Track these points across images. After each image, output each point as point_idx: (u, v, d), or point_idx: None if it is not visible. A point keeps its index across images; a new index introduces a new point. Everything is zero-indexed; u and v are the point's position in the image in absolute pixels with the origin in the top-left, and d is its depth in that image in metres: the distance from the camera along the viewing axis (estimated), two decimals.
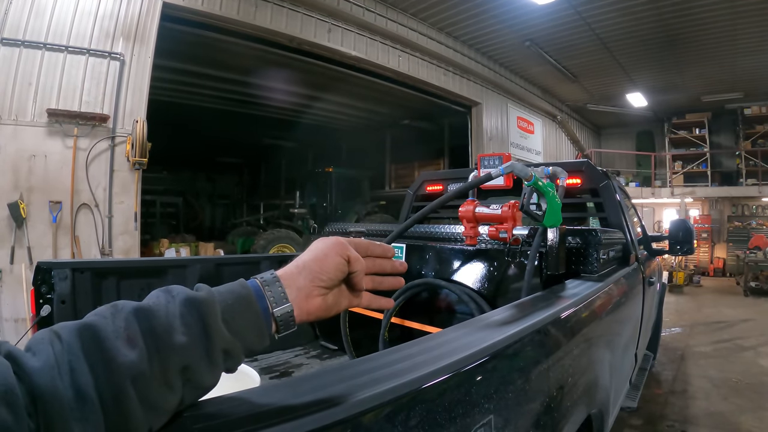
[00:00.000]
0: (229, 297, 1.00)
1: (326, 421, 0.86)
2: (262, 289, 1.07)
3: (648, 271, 4.71)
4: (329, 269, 1.15)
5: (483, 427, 1.20)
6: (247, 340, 1.00)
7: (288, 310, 1.08)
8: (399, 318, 3.44)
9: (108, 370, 0.78)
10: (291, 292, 1.09)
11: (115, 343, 0.82)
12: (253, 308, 1.03)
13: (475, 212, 3.02)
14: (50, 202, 7.32)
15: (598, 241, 2.88)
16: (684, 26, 13.33)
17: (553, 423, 1.68)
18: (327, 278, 1.15)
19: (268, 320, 1.05)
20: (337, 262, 1.16)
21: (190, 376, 0.89)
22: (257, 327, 1.03)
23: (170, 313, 0.90)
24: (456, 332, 1.53)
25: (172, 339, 0.87)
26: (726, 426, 5.44)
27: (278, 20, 10.10)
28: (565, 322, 1.95)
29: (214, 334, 0.92)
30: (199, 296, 0.95)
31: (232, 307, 0.99)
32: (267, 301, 1.06)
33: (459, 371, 1.18)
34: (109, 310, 0.88)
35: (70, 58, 7.53)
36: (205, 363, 0.91)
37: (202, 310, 0.93)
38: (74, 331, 0.81)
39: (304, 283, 1.12)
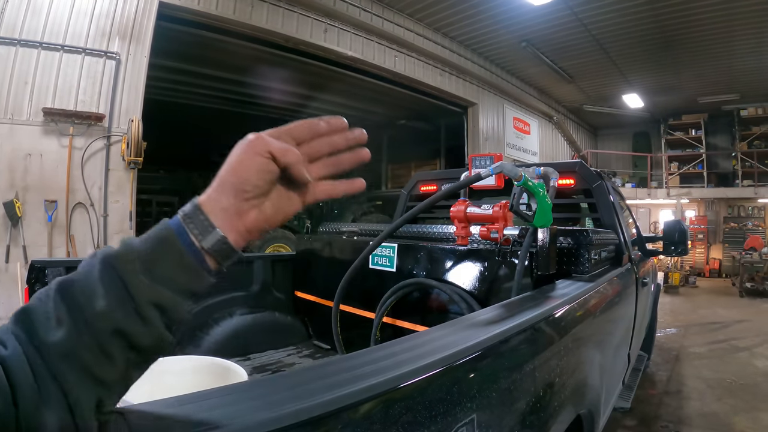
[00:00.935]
0: (149, 243, 0.90)
1: (302, 417, 0.87)
2: (183, 223, 0.93)
3: (642, 271, 4.72)
4: (249, 175, 0.95)
5: (465, 426, 1.20)
6: (179, 284, 0.90)
7: (218, 238, 0.93)
8: (391, 318, 3.45)
9: (45, 353, 0.77)
10: (216, 217, 0.94)
11: (45, 324, 0.79)
12: (176, 248, 0.90)
13: (466, 212, 3.03)
14: (46, 201, 7.32)
15: (589, 241, 2.89)
16: (680, 27, 13.35)
17: (539, 423, 1.68)
18: (252, 187, 0.96)
19: (197, 256, 0.92)
20: (256, 164, 0.96)
21: (127, 340, 0.83)
22: (186, 267, 0.91)
23: (92, 279, 0.84)
24: (440, 331, 1.54)
25: (93, 307, 0.81)
26: (720, 426, 5.45)
27: (274, 20, 10.12)
28: (552, 322, 1.96)
29: (133, 288, 0.84)
30: (113, 252, 0.87)
31: (152, 253, 0.88)
32: (190, 236, 0.92)
33: (440, 370, 1.18)
34: (45, 291, 0.85)
35: (66, 57, 7.53)
36: (136, 322, 0.83)
37: (119, 267, 0.85)
38: (14, 317, 0.82)
39: (228, 202, 0.95)
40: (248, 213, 0.97)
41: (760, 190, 20.02)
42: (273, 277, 4.60)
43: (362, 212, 16.54)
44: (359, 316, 3.85)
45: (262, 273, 4.50)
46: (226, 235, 0.94)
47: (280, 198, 1.03)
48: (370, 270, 3.77)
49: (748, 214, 21.55)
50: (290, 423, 0.86)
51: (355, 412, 0.95)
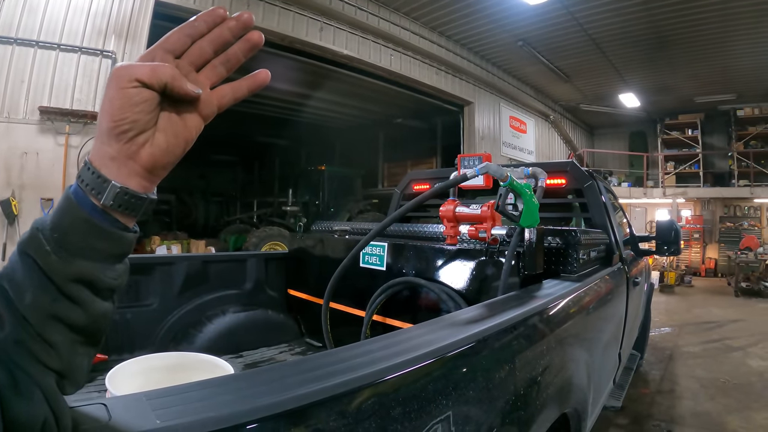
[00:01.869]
0: (54, 217, 0.84)
1: (275, 410, 0.89)
2: (80, 187, 0.84)
3: (634, 271, 4.74)
4: (122, 113, 0.83)
5: (440, 423, 1.22)
6: (97, 251, 0.84)
7: (116, 191, 0.84)
8: (381, 316, 3.47)
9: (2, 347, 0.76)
10: (107, 169, 0.84)
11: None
12: (79, 215, 0.83)
13: (455, 212, 3.05)
14: (42, 199, 7.33)
15: (577, 241, 2.91)
16: (676, 27, 13.36)
17: (520, 421, 1.70)
18: (129, 122, 0.83)
19: (104, 217, 0.84)
20: (125, 96, 0.82)
21: (63, 323, 0.80)
22: (95, 232, 0.84)
23: (16, 271, 0.81)
24: (419, 329, 1.56)
25: (23, 300, 0.78)
26: (712, 426, 5.45)
27: (270, 18, 10.12)
28: (534, 321, 1.98)
29: (51, 270, 0.80)
30: (25, 238, 0.83)
31: (60, 228, 0.83)
32: (90, 197, 0.84)
33: (415, 367, 1.20)
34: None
35: (62, 55, 7.54)
36: (65, 303, 0.80)
37: (32, 252, 0.81)
38: None
39: (112, 149, 0.84)
40: (139, 152, 0.86)
41: (756, 190, 20.03)
42: (266, 275, 4.62)
43: (358, 210, 16.54)
44: (350, 314, 3.87)
45: (256, 271, 4.51)
46: (126, 184, 0.85)
47: (171, 123, 0.91)
48: (360, 268, 3.79)
49: (743, 214, 21.56)
50: (263, 416, 0.88)
51: (327, 407, 0.97)
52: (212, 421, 0.84)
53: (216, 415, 0.86)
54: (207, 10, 0.93)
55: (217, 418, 0.85)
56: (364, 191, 18.54)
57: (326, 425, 0.95)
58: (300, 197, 17.10)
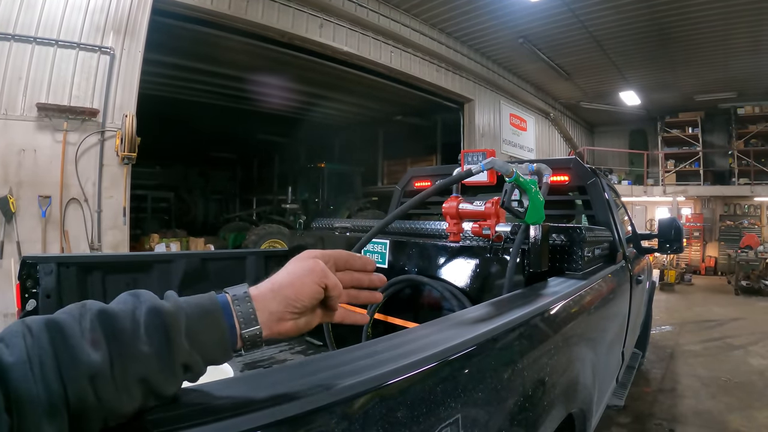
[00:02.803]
0: (195, 311, 0.98)
1: (277, 416, 0.86)
2: (231, 306, 1.03)
3: (636, 269, 4.71)
4: (304, 297, 1.11)
5: (449, 426, 1.19)
6: (210, 354, 0.99)
7: (256, 333, 1.04)
8: (382, 314, 3.43)
9: (74, 368, 0.78)
10: (262, 314, 1.05)
11: (80, 341, 0.81)
12: (218, 326, 1.00)
13: (458, 209, 3.01)
14: (39, 196, 7.30)
15: (582, 238, 2.87)
16: (677, 25, 13.35)
17: (528, 422, 1.67)
18: (301, 306, 1.11)
19: (233, 338, 1.02)
20: (313, 291, 1.12)
21: (150, 386, 0.87)
22: (221, 344, 1.00)
23: (135, 321, 0.89)
24: (425, 329, 1.52)
25: (134, 347, 0.86)
26: (714, 425, 5.44)
27: (270, 15, 10.08)
28: (542, 320, 1.94)
29: (176, 348, 0.91)
30: (165, 308, 0.93)
31: (197, 322, 0.97)
32: (234, 319, 1.02)
33: (423, 369, 1.17)
34: (78, 309, 0.88)
35: (60, 52, 7.50)
36: (164, 374, 0.89)
37: (167, 323, 0.91)
38: (43, 325, 0.81)
39: (276, 308, 1.08)
40: (287, 322, 1.11)
41: (756, 188, 20.04)
42: (266, 272, 4.56)
43: (358, 208, 16.57)
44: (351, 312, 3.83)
45: (255, 269, 4.47)
46: (263, 331, 1.06)
47: (312, 316, 1.19)
48: None
49: (744, 213, 21.57)
50: (265, 422, 0.84)
51: (332, 412, 0.93)
52: (212, 429, 0.81)
53: (215, 423, 0.83)
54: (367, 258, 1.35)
55: (217, 426, 0.82)
56: (364, 189, 18.54)
57: (333, 430, 0.92)
58: (299, 195, 17.11)
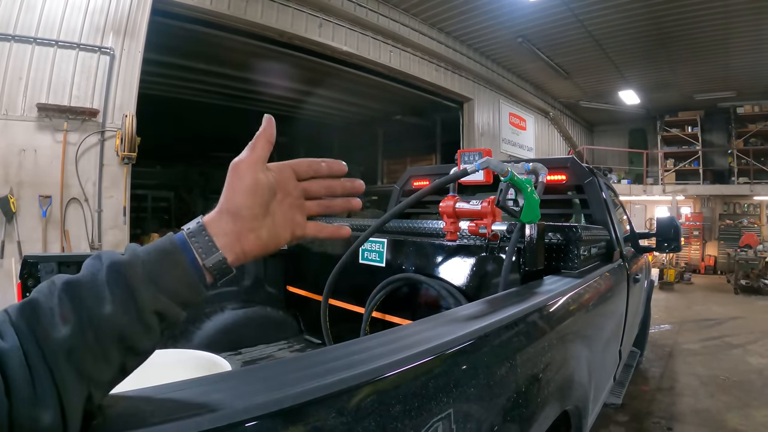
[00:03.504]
0: (154, 255, 0.95)
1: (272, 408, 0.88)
2: (188, 240, 0.99)
3: (634, 268, 4.72)
4: (243, 200, 1.04)
5: (441, 421, 1.21)
6: (180, 296, 0.96)
7: (219, 259, 1.00)
8: (380, 312, 3.45)
9: (49, 347, 0.79)
10: (219, 239, 1.01)
11: (51, 319, 0.82)
12: (180, 264, 0.97)
13: (455, 208, 3.03)
14: (40, 196, 7.31)
15: (578, 237, 2.88)
16: (676, 24, 13.35)
17: (522, 418, 1.68)
18: (248, 211, 1.04)
19: (199, 272, 0.99)
20: (246, 187, 1.04)
21: (127, 343, 0.88)
22: (188, 282, 0.97)
23: (98, 283, 0.88)
24: (419, 326, 1.54)
25: (101, 310, 0.85)
26: (712, 423, 5.46)
27: (269, 15, 10.09)
28: (535, 317, 1.96)
29: (141, 298, 0.89)
30: (122, 260, 0.92)
31: (158, 265, 0.94)
32: (195, 253, 0.99)
33: (415, 364, 1.19)
34: (48, 286, 0.87)
35: (60, 52, 7.51)
36: (138, 328, 0.89)
37: (127, 275, 0.89)
38: (18, 309, 0.82)
39: (230, 227, 1.02)
40: (247, 237, 1.04)
41: (755, 187, 20.05)
42: (265, 271, 4.60)
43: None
44: (349, 310, 3.85)
45: (254, 268, 4.49)
46: (226, 256, 1.01)
47: (274, 226, 1.10)
48: (360, 265, 3.77)
49: (743, 212, 21.57)
50: (260, 413, 0.86)
51: (326, 405, 0.95)
52: (209, 420, 0.83)
53: (213, 413, 0.85)
54: (335, 161, 1.23)
55: (214, 416, 0.84)
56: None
57: (325, 423, 0.93)
58: None
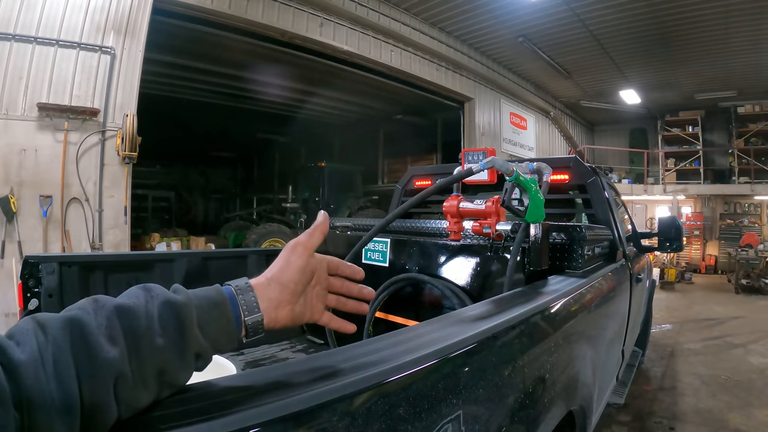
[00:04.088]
0: (204, 302, 1.03)
1: (281, 413, 0.86)
2: (236, 296, 1.10)
3: (636, 267, 4.72)
4: (293, 275, 1.19)
5: (451, 422, 1.20)
6: (218, 343, 1.04)
7: (258, 319, 1.11)
8: (383, 312, 3.44)
9: (91, 366, 0.80)
10: (263, 302, 1.13)
11: (98, 339, 0.83)
12: (226, 315, 1.06)
13: (459, 207, 3.02)
14: (41, 196, 7.30)
15: (582, 237, 2.88)
16: (678, 24, 13.35)
17: (528, 419, 1.68)
18: (293, 286, 1.19)
19: (239, 326, 1.08)
20: (298, 266, 1.21)
21: (165, 376, 0.91)
22: (228, 332, 1.06)
23: (149, 314, 0.93)
24: (427, 327, 1.52)
25: (151, 340, 0.90)
26: (714, 423, 5.45)
27: (270, 14, 10.09)
28: (542, 317, 1.95)
29: (190, 338, 0.96)
30: (178, 300, 0.98)
31: (207, 313, 1.02)
32: (240, 309, 1.09)
33: (425, 366, 1.17)
34: (92, 305, 0.89)
35: (60, 51, 7.50)
36: (179, 364, 0.94)
37: (181, 314, 0.96)
38: (60, 323, 0.82)
39: (274, 295, 1.15)
40: (284, 307, 1.18)
41: (756, 187, 20.04)
42: None
43: (358, 207, 16.59)
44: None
45: (257, 268, 4.44)
46: (264, 318, 1.13)
47: (304, 304, 1.24)
48: (363, 265, 3.74)
49: (744, 211, 21.57)
50: (269, 418, 0.85)
51: (336, 408, 0.94)
52: (217, 425, 0.82)
53: (220, 418, 0.83)
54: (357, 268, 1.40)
55: (222, 422, 0.82)
56: (364, 188, 18.55)
57: (335, 427, 0.92)
58: (300, 194, 17.14)
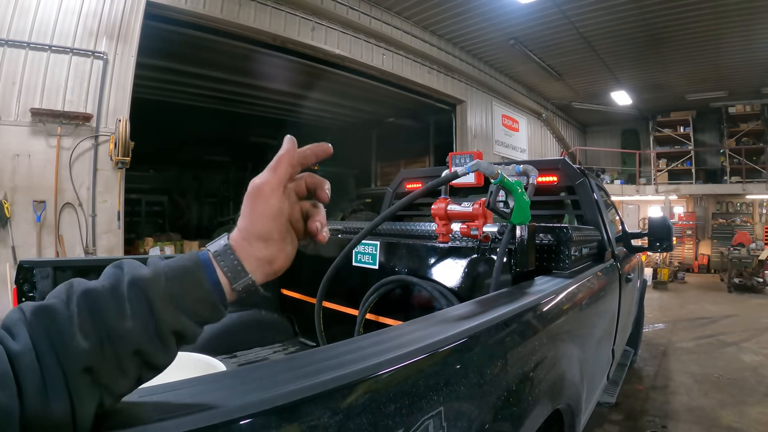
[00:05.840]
0: (176, 273, 0.94)
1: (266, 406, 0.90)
2: (213, 261, 0.98)
3: (627, 267, 4.74)
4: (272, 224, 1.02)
5: (432, 419, 1.23)
6: (200, 315, 0.95)
7: (249, 282, 0.99)
8: (374, 314, 3.47)
9: (65, 355, 0.79)
10: (249, 262, 0.99)
11: (70, 328, 0.82)
12: (203, 285, 0.95)
13: (446, 210, 3.05)
14: (34, 201, 7.30)
15: (569, 238, 2.91)
16: (667, 25, 13.40)
17: (512, 417, 1.71)
18: (278, 235, 1.03)
19: (220, 294, 0.97)
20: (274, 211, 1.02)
21: (144, 358, 0.88)
22: (209, 302, 0.96)
23: (119, 296, 0.88)
24: (410, 326, 1.56)
25: (120, 324, 0.85)
26: (706, 421, 5.48)
27: (262, 19, 10.10)
28: (525, 317, 1.98)
29: (162, 316, 0.89)
30: (144, 276, 0.90)
31: (179, 284, 0.93)
32: (219, 275, 0.97)
33: (405, 363, 1.21)
34: (65, 291, 0.87)
35: (53, 57, 7.50)
36: (156, 345, 0.89)
37: (149, 291, 0.89)
38: (35, 312, 0.83)
39: (262, 253, 1.01)
40: (278, 257, 1.04)
41: (748, 186, 20.11)
42: None
43: (352, 210, 16.57)
44: (343, 313, 3.86)
45: None
46: (256, 278, 1.01)
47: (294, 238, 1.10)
48: (353, 267, 3.78)
49: (736, 211, 21.65)
50: (254, 412, 0.89)
51: (318, 403, 0.97)
52: (203, 418, 0.85)
53: (208, 411, 0.87)
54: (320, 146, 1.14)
55: (209, 415, 0.86)
56: (357, 191, 18.57)
57: (317, 421, 0.95)
58: None
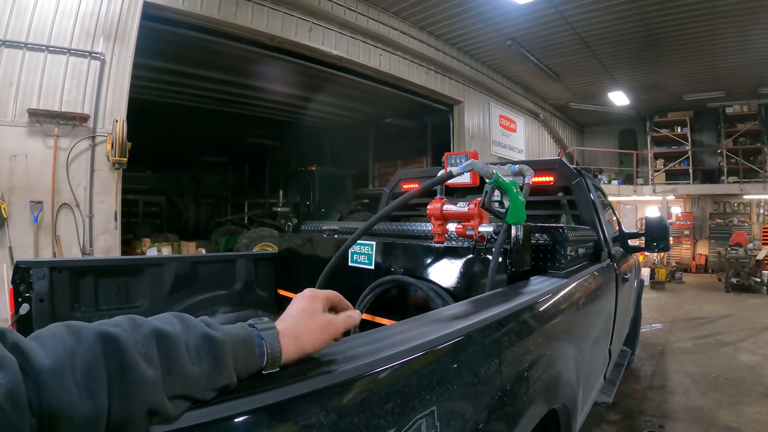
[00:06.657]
0: (237, 340, 1.04)
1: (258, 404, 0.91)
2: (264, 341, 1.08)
3: (623, 267, 4.74)
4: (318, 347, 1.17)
5: (425, 418, 1.23)
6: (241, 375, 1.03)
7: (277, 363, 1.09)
8: (370, 314, 3.46)
9: (126, 381, 0.82)
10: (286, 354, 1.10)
11: (135, 356, 0.84)
12: (253, 355, 1.05)
13: (442, 210, 3.05)
14: (31, 202, 7.31)
15: (564, 238, 2.91)
16: (665, 25, 13.42)
17: (506, 416, 1.71)
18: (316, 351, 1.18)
19: (261, 364, 1.06)
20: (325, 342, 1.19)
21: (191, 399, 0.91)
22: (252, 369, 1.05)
23: (187, 343, 0.95)
24: (405, 325, 1.56)
25: (184, 367, 0.91)
26: (704, 420, 5.47)
27: (259, 19, 10.11)
28: (520, 317, 1.98)
29: (225, 373, 0.97)
30: (217, 336, 0.99)
31: (238, 351, 1.02)
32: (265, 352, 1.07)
33: (398, 363, 1.21)
34: (128, 323, 0.90)
35: (50, 57, 7.52)
36: (205, 394, 0.93)
37: (219, 351, 0.97)
38: (96, 335, 0.84)
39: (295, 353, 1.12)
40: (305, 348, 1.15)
41: (745, 186, 20.12)
42: (256, 275, 4.57)
43: (349, 210, 16.55)
44: None
45: (245, 272, 4.47)
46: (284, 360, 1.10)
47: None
48: (349, 268, 3.76)
49: (733, 210, 21.65)
50: (246, 409, 0.90)
51: (311, 401, 0.98)
52: (196, 415, 0.86)
53: (200, 409, 0.88)
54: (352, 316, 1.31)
55: (202, 413, 0.87)
56: (355, 191, 18.54)
57: (309, 419, 0.96)
58: (291, 198, 17.13)
